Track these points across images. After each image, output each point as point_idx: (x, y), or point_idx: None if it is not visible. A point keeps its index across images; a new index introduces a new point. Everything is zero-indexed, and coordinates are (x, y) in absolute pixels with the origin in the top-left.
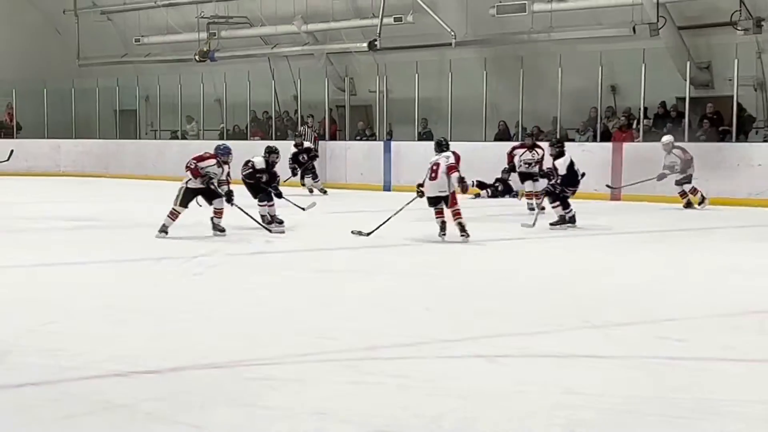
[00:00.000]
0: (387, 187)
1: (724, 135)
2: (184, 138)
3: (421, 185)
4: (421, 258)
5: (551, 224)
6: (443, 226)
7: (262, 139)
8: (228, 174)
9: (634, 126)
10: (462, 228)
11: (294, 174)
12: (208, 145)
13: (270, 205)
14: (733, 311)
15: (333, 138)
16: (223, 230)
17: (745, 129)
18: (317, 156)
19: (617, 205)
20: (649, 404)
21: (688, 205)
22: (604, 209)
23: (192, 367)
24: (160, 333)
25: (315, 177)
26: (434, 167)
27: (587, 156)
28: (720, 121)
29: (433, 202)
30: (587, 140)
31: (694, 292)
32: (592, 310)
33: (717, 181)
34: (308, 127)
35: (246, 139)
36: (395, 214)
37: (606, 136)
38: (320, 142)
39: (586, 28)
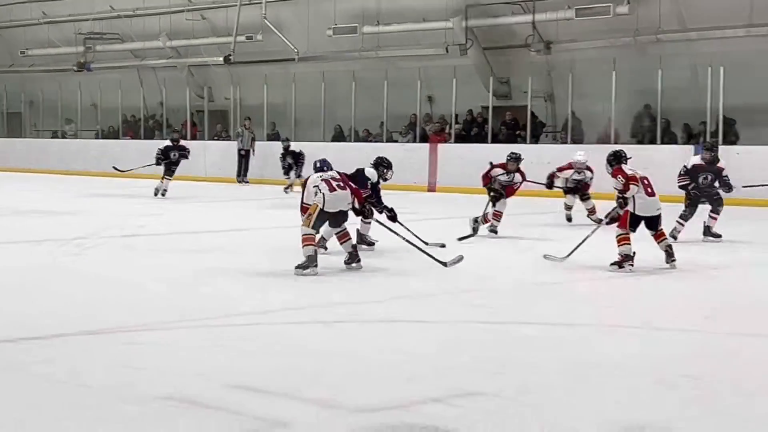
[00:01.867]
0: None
1: (520, 137)
2: (63, 137)
3: None
4: (275, 241)
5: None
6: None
7: (132, 138)
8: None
9: (447, 130)
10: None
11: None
12: (85, 144)
13: (368, 223)
14: (533, 281)
15: (193, 138)
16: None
17: (536, 133)
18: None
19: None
20: (462, 358)
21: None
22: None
23: (75, 333)
24: (45, 303)
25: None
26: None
27: (408, 154)
28: (516, 126)
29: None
30: (408, 141)
31: (498, 267)
32: (419, 284)
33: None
34: (246, 129)
35: (118, 138)
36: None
37: (424, 139)
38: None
39: (407, 48)
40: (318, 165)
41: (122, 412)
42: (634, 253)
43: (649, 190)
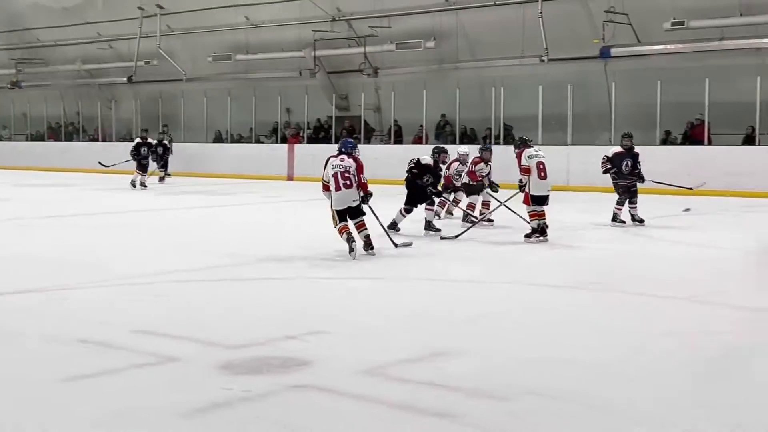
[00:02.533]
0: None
1: (356, 140)
2: (0, 140)
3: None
4: (170, 219)
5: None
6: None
7: (55, 140)
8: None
9: (301, 134)
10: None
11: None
12: (15, 146)
13: (431, 210)
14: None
15: (104, 140)
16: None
17: (368, 136)
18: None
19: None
20: (310, 307)
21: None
22: (285, 186)
23: (7, 293)
24: None
25: (149, 170)
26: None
27: (272, 152)
28: (353, 131)
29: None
30: (272, 142)
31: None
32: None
33: None
34: (164, 133)
35: (43, 140)
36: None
37: (284, 140)
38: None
39: (270, 71)
40: (339, 145)
41: (53, 351)
42: (547, 225)
43: (542, 174)
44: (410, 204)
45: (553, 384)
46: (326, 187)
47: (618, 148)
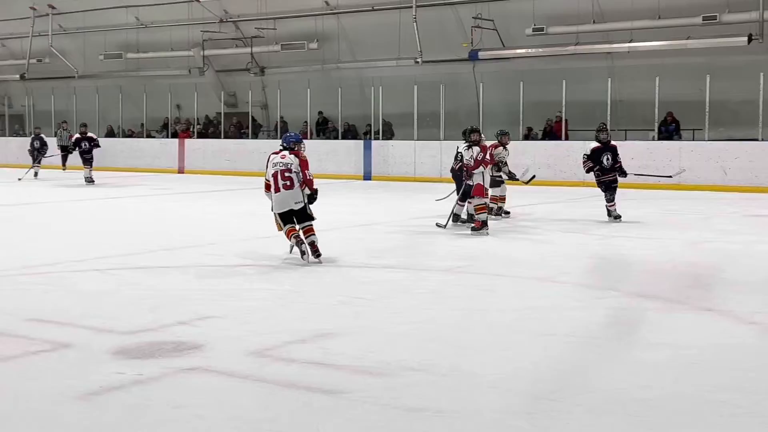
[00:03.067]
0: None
1: (244, 135)
2: None
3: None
4: (60, 211)
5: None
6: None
7: None
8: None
9: (191, 129)
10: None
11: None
12: None
13: (462, 205)
14: (241, 237)
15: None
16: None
17: (256, 131)
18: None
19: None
20: (199, 293)
21: None
22: (176, 178)
23: None
24: None
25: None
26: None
27: (163, 147)
28: (241, 126)
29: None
30: (163, 137)
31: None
32: (164, 239)
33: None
34: (64, 129)
35: None
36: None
37: (174, 135)
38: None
39: (160, 69)
40: (282, 140)
41: None
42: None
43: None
44: (463, 199)
45: (425, 358)
46: (268, 187)
47: (595, 144)
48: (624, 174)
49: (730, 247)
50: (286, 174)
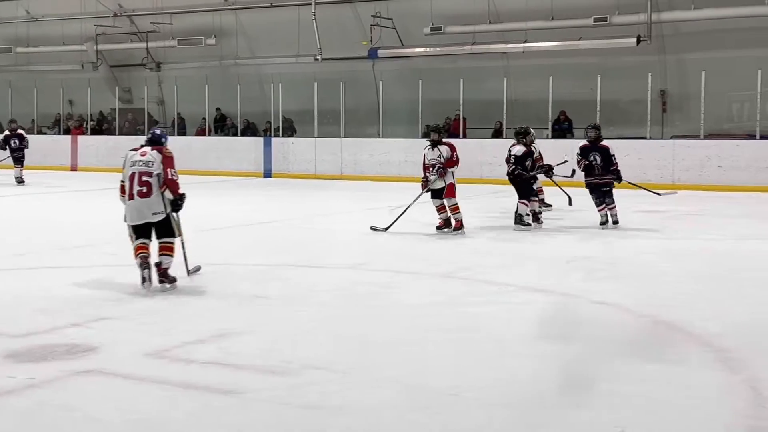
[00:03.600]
0: None
1: (140, 131)
2: None
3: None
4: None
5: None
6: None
7: None
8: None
9: (84, 125)
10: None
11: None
12: None
13: (535, 200)
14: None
15: None
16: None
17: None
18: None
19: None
20: (95, 294)
21: None
22: (69, 176)
23: None
24: None
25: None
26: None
27: (55, 144)
28: (136, 123)
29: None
30: (54, 134)
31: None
32: (57, 239)
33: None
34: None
35: None
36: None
37: (67, 132)
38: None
39: (52, 64)
40: (148, 134)
41: None
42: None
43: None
44: (526, 196)
45: (326, 356)
46: (123, 190)
47: (584, 142)
48: (618, 179)
49: (620, 242)
50: (144, 178)
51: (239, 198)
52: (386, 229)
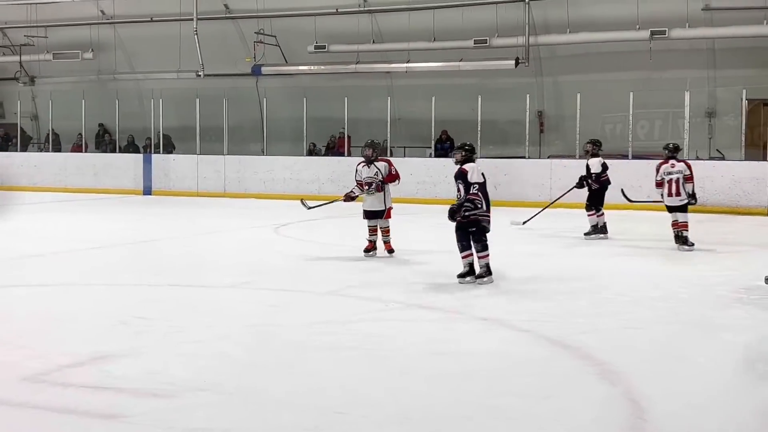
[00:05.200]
0: None
1: (12, 146)
2: None
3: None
4: None
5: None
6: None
7: None
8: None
9: None
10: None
11: None
12: None
13: (601, 214)
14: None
15: None
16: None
17: (25, 143)
18: None
19: None
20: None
21: None
22: None
23: None
24: None
25: None
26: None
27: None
28: (9, 138)
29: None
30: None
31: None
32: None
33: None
34: None
35: None
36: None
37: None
38: None
39: None
40: None
41: None
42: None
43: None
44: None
45: (211, 378)
46: None
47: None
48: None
49: (508, 260)
50: None
51: (117, 216)
52: (310, 208)
